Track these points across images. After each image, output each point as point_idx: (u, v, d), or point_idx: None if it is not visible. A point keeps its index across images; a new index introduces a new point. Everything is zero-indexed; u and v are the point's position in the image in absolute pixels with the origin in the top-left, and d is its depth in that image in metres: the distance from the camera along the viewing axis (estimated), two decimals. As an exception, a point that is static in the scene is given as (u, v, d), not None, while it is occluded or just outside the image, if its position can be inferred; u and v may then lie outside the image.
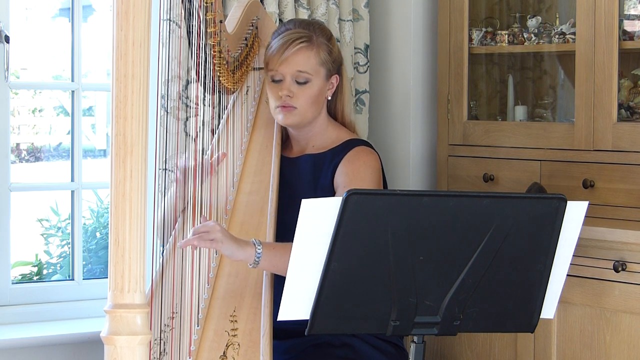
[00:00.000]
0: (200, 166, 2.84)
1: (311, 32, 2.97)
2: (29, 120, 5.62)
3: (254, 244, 2.65)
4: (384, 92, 3.84)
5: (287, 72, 2.93)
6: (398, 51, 3.80)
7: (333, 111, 3.08)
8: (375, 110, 3.84)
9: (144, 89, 1.96)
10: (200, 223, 2.67)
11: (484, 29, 3.59)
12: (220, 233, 2.61)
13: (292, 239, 2.27)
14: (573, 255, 2.43)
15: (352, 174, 2.91)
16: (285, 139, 3.12)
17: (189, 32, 2.78)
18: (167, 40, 2.66)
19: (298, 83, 2.94)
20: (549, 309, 2.45)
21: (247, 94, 3.17)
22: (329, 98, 3.03)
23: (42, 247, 4.65)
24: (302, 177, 2.99)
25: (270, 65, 2.95)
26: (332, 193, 2.91)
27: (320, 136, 3.04)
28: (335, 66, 3.01)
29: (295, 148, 3.08)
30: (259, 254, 2.64)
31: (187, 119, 3.36)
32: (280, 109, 2.95)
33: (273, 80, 2.96)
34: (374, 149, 3.01)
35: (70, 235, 3.70)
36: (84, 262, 3.99)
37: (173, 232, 2.88)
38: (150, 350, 2.46)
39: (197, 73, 2.83)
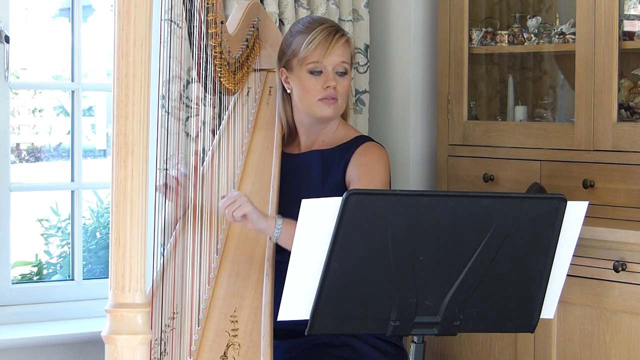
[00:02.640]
0: (193, 172, 2.85)
1: (338, 25, 3.05)
2: (29, 120, 5.62)
3: (275, 218, 2.73)
4: (384, 92, 3.84)
5: (332, 63, 2.96)
6: (398, 51, 3.80)
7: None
8: (375, 110, 3.84)
9: (145, 88, 1.96)
10: (223, 198, 2.73)
11: (484, 29, 3.59)
12: (245, 197, 2.71)
13: None
14: (573, 255, 2.43)
15: (366, 165, 2.93)
16: (290, 136, 3.11)
17: (190, 33, 2.79)
18: (168, 41, 2.66)
19: (337, 74, 2.97)
20: (549, 309, 2.45)
21: (247, 95, 3.17)
22: None
23: (42, 247, 4.65)
24: (310, 172, 3.00)
25: (312, 57, 2.95)
26: (341, 190, 2.90)
27: (332, 131, 3.06)
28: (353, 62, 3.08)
29: (303, 144, 3.08)
30: (279, 226, 2.71)
31: (187, 119, 3.36)
32: (325, 101, 2.97)
33: (311, 72, 2.97)
34: (382, 146, 3.04)
35: (70, 235, 3.70)
36: (84, 262, 3.99)
37: (174, 232, 2.88)
38: (150, 350, 2.46)
39: (198, 74, 2.83)
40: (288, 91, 3.03)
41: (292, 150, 3.09)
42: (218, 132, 3.07)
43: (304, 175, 3.01)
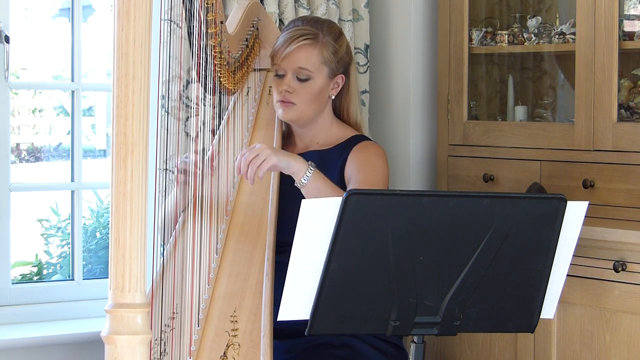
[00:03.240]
0: (200, 163, 2.84)
1: (318, 30, 2.99)
2: (29, 120, 5.62)
3: (308, 165, 2.74)
4: (384, 92, 3.84)
5: (289, 67, 2.96)
6: (398, 51, 3.80)
7: (338, 110, 3.10)
8: (375, 110, 3.84)
9: (145, 88, 1.96)
10: (244, 154, 2.72)
11: (484, 29, 3.59)
12: (269, 149, 2.71)
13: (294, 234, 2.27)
14: (573, 255, 2.43)
15: (365, 161, 2.93)
16: (288, 136, 3.12)
17: (189, 33, 2.79)
18: (168, 41, 2.66)
19: (299, 79, 2.96)
20: (549, 309, 2.45)
21: (247, 94, 3.17)
22: (333, 97, 3.04)
23: (42, 247, 4.65)
24: None
25: (274, 60, 2.99)
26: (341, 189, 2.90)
27: (324, 133, 3.05)
28: (340, 66, 3.02)
29: (299, 144, 3.09)
30: (312, 170, 2.74)
31: (187, 119, 3.36)
32: (280, 104, 2.99)
33: (276, 75, 2.99)
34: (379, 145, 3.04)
35: (70, 235, 3.70)
36: (84, 262, 3.99)
37: (174, 232, 2.88)
38: (150, 350, 2.46)
39: (198, 74, 2.83)
40: None
41: (290, 150, 3.09)
42: (218, 132, 3.07)
43: None
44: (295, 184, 2.76)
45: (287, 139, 3.13)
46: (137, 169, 1.96)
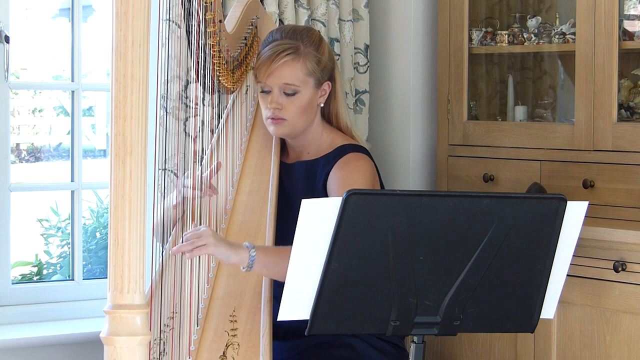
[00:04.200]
0: (199, 184, 2.82)
1: (298, 41, 2.93)
2: (29, 120, 5.62)
3: (248, 248, 2.63)
4: (384, 92, 3.84)
5: (274, 84, 2.91)
6: (398, 51, 3.79)
7: (327, 116, 3.05)
8: (375, 110, 3.84)
9: (144, 89, 1.96)
10: (192, 229, 2.64)
11: (484, 29, 3.59)
12: (212, 237, 2.59)
13: (290, 244, 2.27)
14: (573, 255, 2.42)
15: (342, 179, 2.88)
16: (282, 143, 3.10)
17: (188, 32, 2.78)
18: (167, 41, 2.66)
19: (286, 94, 2.92)
20: (549, 309, 2.44)
21: (246, 93, 3.17)
22: (322, 105, 3.01)
23: (42, 247, 4.65)
24: (296, 184, 2.99)
25: (259, 77, 2.94)
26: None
27: (315, 143, 3.02)
28: (325, 74, 2.97)
29: (290, 154, 3.07)
30: (253, 257, 2.63)
31: (186, 119, 3.35)
32: (271, 121, 2.94)
33: (262, 91, 2.95)
34: (368, 154, 2.99)
35: (70, 235, 3.70)
36: (84, 262, 3.99)
37: (173, 233, 2.88)
38: (150, 350, 2.45)
39: (197, 73, 2.83)
40: None
41: (284, 158, 3.07)
42: (217, 131, 3.07)
43: (292, 186, 2.99)
44: (243, 270, 2.66)
45: (283, 148, 3.09)
46: (136, 169, 1.96)
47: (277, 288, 2.55)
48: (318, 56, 2.95)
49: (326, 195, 2.90)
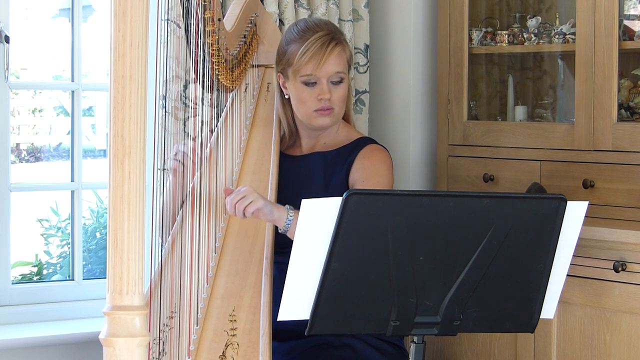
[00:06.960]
0: (199, 154, 2.84)
1: (334, 30, 2.98)
2: (29, 120, 5.62)
3: (287, 209, 2.71)
4: (384, 92, 3.84)
5: (326, 74, 2.92)
6: (398, 51, 3.80)
7: None
8: (375, 110, 3.84)
9: (142, 90, 1.95)
10: (230, 195, 2.70)
11: (484, 29, 3.59)
12: (255, 193, 2.69)
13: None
14: (573, 255, 2.42)
15: (370, 168, 2.92)
16: (290, 136, 3.09)
17: (187, 31, 2.78)
18: (166, 41, 2.65)
19: (332, 83, 2.94)
20: (549, 309, 2.44)
21: (245, 91, 3.16)
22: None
23: (42, 247, 4.65)
24: (312, 174, 2.99)
25: (306, 70, 2.91)
26: (344, 191, 2.88)
27: (333, 134, 3.04)
28: (351, 62, 3.04)
29: (305, 146, 3.07)
30: (290, 219, 2.69)
31: (186, 119, 3.35)
32: (320, 113, 2.94)
33: (306, 84, 2.94)
34: (385, 148, 3.03)
35: (70, 236, 3.70)
36: (84, 262, 3.99)
37: (172, 231, 2.88)
38: (149, 350, 2.45)
39: (196, 72, 2.82)
40: (286, 96, 3.02)
41: (293, 152, 3.07)
42: (216, 129, 3.06)
43: (307, 177, 3.00)
44: (280, 231, 2.73)
45: (291, 142, 3.09)
46: (135, 170, 1.95)
47: (277, 290, 2.55)
48: (348, 45, 3.01)
49: (345, 187, 2.91)
